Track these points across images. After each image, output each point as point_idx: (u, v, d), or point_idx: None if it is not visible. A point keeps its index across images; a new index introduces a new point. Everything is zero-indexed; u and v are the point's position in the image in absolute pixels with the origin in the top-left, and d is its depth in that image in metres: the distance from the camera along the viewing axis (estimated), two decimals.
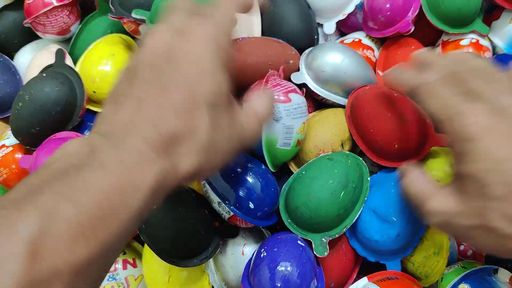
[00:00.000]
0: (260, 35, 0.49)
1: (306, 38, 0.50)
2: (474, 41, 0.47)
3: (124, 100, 0.25)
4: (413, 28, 0.47)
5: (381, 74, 0.49)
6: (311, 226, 0.38)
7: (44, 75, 0.47)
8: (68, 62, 0.50)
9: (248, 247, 0.41)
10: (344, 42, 0.51)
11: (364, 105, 0.41)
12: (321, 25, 0.53)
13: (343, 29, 0.55)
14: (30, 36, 0.56)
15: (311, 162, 0.40)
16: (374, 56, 0.50)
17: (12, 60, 0.57)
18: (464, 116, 0.28)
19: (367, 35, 0.52)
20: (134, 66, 0.26)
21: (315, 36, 0.51)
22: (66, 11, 0.52)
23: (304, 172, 0.39)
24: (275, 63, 0.44)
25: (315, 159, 0.40)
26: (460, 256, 0.46)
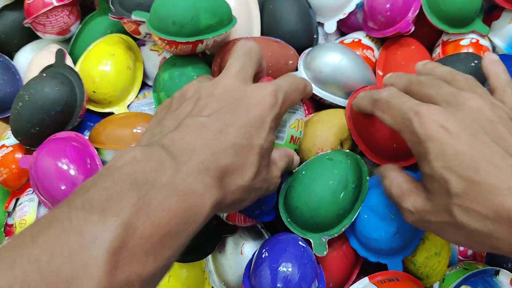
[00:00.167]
0: (259, 34, 0.49)
1: (306, 37, 0.50)
2: (474, 41, 0.47)
3: (190, 121, 0.27)
4: (413, 28, 0.47)
5: (380, 74, 0.49)
6: (311, 225, 0.38)
7: (44, 75, 0.46)
8: (68, 62, 0.50)
9: (247, 247, 0.41)
10: (344, 42, 0.51)
11: None
12: (321, 24, 0.53)
13: (343, 28, 0.55)
14: (30, 36, 0.56)
15: (311, 161, 0.40)
16: (374, 56, 0.50)
17: (12, 60, 0.57)
18: (417, 118, 0.29)
19: (367, 35, 0.52)
20: (206, 94, 0.29)
21: (315, 36, 0.51)
22: (66, 11, 0.52)
23: (304, 172, 0.39)
24: (274, 64, 0.44)
25: (315, 158, 0.40)
26: (460, 257, 0.46)
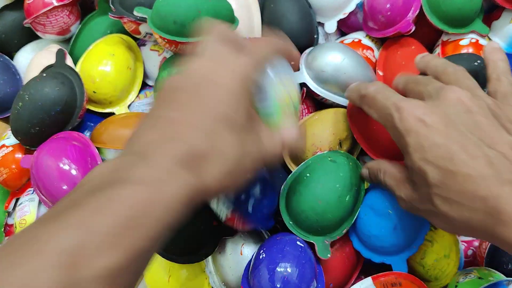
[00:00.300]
0: (260, 35, 0.49)
1: (306, 37, 0.50)
2: (474, 41, 0.47)
3: (157, 121, 0.27)
4: (413, 28, 0.47)
5: (380, 74, 0.49)
6: (315, 229, 0.38)
7: (44, 75, 0.47)
8: (69, 62, 0.50)
9: (247, 247, 0.41)
10: (344, 42, 0.51)
11: None
12: (321, 24, 0.53)
13: (343, 28, 0.55)
14: (30, 36, 0.56)
15: (313, 163, 0.40)
16: (374, 56, 0.50)
17: (12, 60, 0.57)
18: (398, 113, 0.31)
19: (367, 35, 0.52)
20: (169, 89, 0.29)
21: (315, 36, 0.51)
22: (66, 11, 0.52)
23: (308, 175, 0.38)
24: None
25: (317, 160, 0.40)
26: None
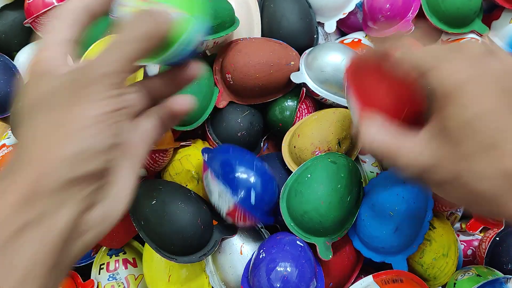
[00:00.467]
0: (260, 35, 0.49)
1: (306, 37, 0.50)
2: (474, 40, 0.47)
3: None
4: (413, 28, 0.47)
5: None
6: (317, 230, 0.38)
7: None
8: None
9: (246, 246, 0.41)
10: (344, 42, 0.51)
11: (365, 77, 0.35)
12: (321, 24, 0.53)
13: (343, 28, 0.55)
14: (30, 36, 0.56)
15: (313, 164, 0.40)
16: None
17: (13, 60, 0.57)
18: (447, 66, 0.27)
19: (366, 35, 0.52)
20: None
21: (315, 35, 0.51)
22: None
23: (310, 176, 0.38)
24: (276, 64, 0.45)
25: (317, 161, 0.40)
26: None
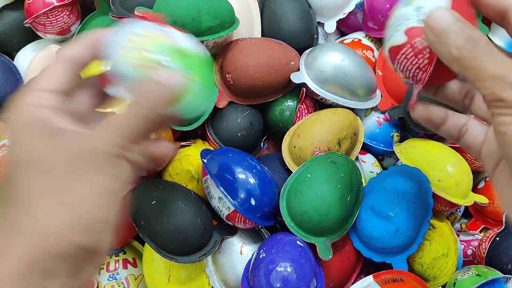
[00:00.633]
0: (260, 35, 0.49)
1: (306, 37, 0.50)
2: None
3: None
4: None
5: (380, 74, 0.48)
6: (317, 230, 0.38)
7: None
8: None
9: (246, 246, 0.41)
10: (344, 42, 0.51)
11: None
12: (321, 24, 0.53)
13: (343, 28, 0.55)
14: (31, 36, 0.56)
15: (313, 164, 0.40)
16: (373, 56, 0.50)
17: (13, 60, 0.57)
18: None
19: (366, 35, 0.52)
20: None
21: (315, 35, 0.51)
22: (66, 11, 0.52)
23: (309, 175, 0.38)
24: (276, 64, 0.45)
25: (316, 161, 0.40)
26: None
